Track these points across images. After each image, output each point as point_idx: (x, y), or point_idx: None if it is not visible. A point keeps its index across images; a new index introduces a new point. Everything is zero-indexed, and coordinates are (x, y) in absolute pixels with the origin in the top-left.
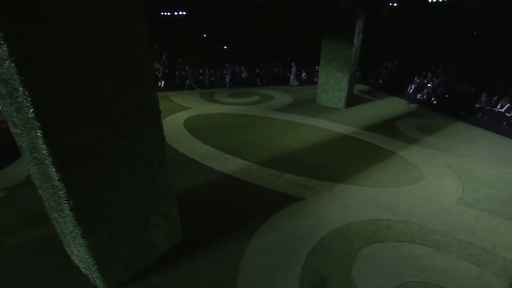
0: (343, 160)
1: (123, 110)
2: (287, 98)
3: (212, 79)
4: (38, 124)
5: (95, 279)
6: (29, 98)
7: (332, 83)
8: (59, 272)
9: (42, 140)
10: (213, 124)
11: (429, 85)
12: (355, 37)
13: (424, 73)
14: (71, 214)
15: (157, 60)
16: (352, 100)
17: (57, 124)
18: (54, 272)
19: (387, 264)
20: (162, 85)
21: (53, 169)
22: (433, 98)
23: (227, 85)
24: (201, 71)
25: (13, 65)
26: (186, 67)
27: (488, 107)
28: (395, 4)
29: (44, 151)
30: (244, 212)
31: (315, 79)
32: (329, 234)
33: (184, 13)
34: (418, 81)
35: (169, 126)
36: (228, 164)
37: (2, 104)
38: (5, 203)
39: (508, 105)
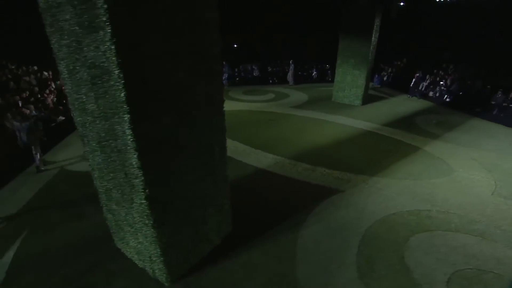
0: (371, 155)
1: (193, 97)
2: (302, 96)
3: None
4: (127, 108)
5: (155, 272)
6: (122, 81)
7: (349, 80)
8: (112, 266)
9: (128, 125)
10: (236, 120)
11: (441, 82)
12: (373, 35)
13: (435, 71)
14: (144, 204)
15: None
16: (367, 98)
17: (142, 109)
18: (107, 266)
19: (437, 252)
20: None
21: (135, 156)
22: (446, 96)
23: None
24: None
25: (113, 47)
26: None
27: (504, 104)
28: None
29: (128, 137)
30: (286, 204)
31: (328, 77)
32: (374, 224)
33: None
34: (417, 75)
35: None
36: (260, 159)
37: (73, 92)
38: (42, 200)
39: None
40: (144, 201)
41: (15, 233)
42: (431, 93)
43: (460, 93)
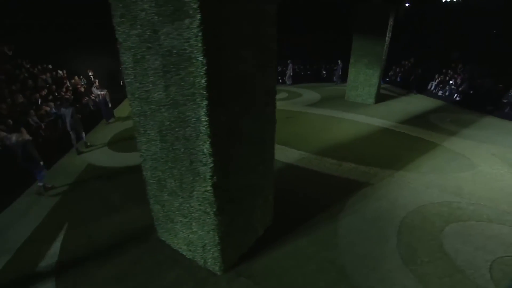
0: (393, 150)
1: (254, 88)
2: (315, 95)
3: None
4: (206, 94)
5: (206, 261)
6: (204, 68)
7: (362, 79)
8: (160, 257)
9: (205, 111)
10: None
11: (450, 82)
12: (387, 34)
13: (443, 70)
14: (208, 191)
15: None
16: (379, 97)
17: (217, 96)
18: (155, 257)
19: (475, 240)
20: None
21: (207, 142)
22: (456, 95)
23: None
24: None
25: (200, 34)
26: None
27: None
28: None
29: (203, 123)
30: (320, 196)
31: (334, 79)
32: (408, 215)
33: None
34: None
35: None
36: (286, 154)
37: (136, 81)
38: (76, 195)
39: None
40: (210, 189)
41: (57, 226)
42: (440, 92)
43: (471, 91)
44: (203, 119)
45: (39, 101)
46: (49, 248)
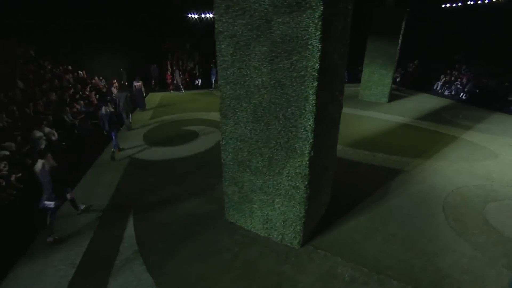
0: (417, 143)
1: (337, 76)
2: None
3: None
4: (317, 75)
5: (284, 237)
6: (319, 53)
7: (376, 79)
8: (236, 237)
9: (314, 91)
10: None
11: (457, 82)
12: (400, 36)
13: (448, 71)
14: (303, 165)
15: (192, 59)
16: (391, 96)
17: (322, 78)
18: (232, 237)
19: (498, 210)
20: (199, 83)
21: (311, 119)
22: (461, 94)
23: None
24: None
25: (320, 23)
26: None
27: None
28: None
29: (310, 101)
30: (364, 182)
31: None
32: (448, 196)
33: (211, 15)
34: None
35: None
36: None
37: (232, 66)
38: (129, 188)
39: None
40: (306, 163)
41: (122, 214)
42: (446, 92)
43: (477, 90)
44: (311, 98)
45: (68, 100)
46: (123, 232)
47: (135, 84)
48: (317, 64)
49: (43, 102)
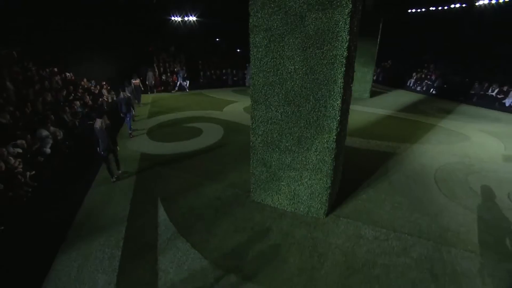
0: (402, 130)
1: (351, 66)
2: None
3: (235, 78)
4: (345, 62)
5: (310, 209)
6: (347, 44)
7: (359, 77)
8: (266, 213)
9: (342, 75)
10: None
11: (427, 79)
12: (378, 37)
13: (418, 69)
14: (331, 140)
15: (178, 62)
16: (371, 92)
17: (347, 64)
18: (262, 213)
19: (493, 180)
20: (187, 85)
21: (339, 99)
22: (432, 89)
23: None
24: (224, 71)
25: (348, 19)
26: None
27: (481, 93)
28: None
29: (338, 84)
30: (364, 163)
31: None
32: (437, 171)
33: (194, 18)
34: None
35: (237, 114)
36: None
37: (266, 56)
38: (148, 178)
39: (497, 89)
40: (333, 138)
41: (150, 202)
42: (418, 88)
43: (445, 86)
44: (339, 81)
45: (63, 101)
46: (157, 218)
47: (133, 81)
48: (346, 53)
49: (41, 103)
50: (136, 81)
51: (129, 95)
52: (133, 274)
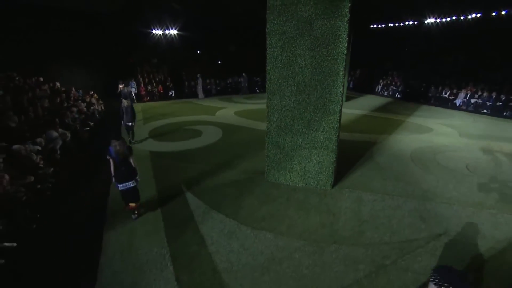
0: (377, 126)
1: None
2: None
3: (218, 88)
4: (344, 57)
5: (319, 182)
6: (345, 43)
7: None
8: (282, 188)
9: (342, 67)
10: (260, 114)
11: (392, 85)
12: (349, 46)
13: (384, 77)
14: (336, 121)
15: (162, 72)
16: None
17: (345, 60)
18: (279, 188)
19: (454, 157)
20: (173, 94)
21: (341, 87)
22: (397, 93)
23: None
24: (208, 81)
25: (347, 25)
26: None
27: (437, 95)
28: None
29: (340, 74)
30: (352, 150)
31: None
32: (412, 153)
33: (175, 32)
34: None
35: (229, 117)
36: None
37: (280, 54)
38: (164, 169)
39: (449, 91)
40: (337, 119)
41: (173, 187)
42: (385, 93)
43: (407, 90)
44: (341, 73)
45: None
46: (185, 200)
47: (128, 90)
48: (345, 51)
49: (40, 108)
50: (131, 89)
51: (132, 99)
52: (181, 239)
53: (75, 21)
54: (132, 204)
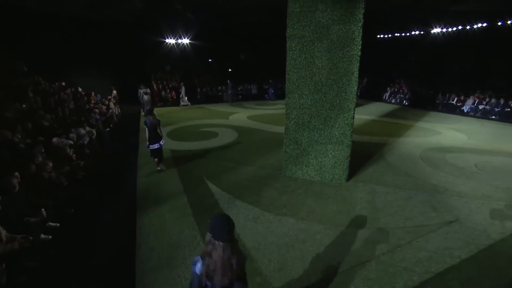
0: (387, 129)
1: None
2: None
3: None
4: (359, 58)
5: (334, 176)
6: (359, 46)
7: None
8: (299, 181)
9: (357, 67)
10: (272, 118)
11: (399, 93)
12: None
13: (391, 84)
14: (351, 117)
15: (175, 79)
16: None
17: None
18: (297, 182)
19: (463, 157)
20: (187, 102)
21: (355, 85)
22: (404, 101)
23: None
24: (219, 88)
25: (360, 29)
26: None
27: (444, 102)
28: None
29: (354, 75)
30: (363, 150)
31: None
32: (421, 153)
33: (188, 41)
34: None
35: (243, 121)
36: None
37: (299, 56)
38: (187, 165)
39: (456, 98)
40: (352, 115)
41: (196, 180)
42: (393, 100)
43: (415, 97)
44: (355, 73)
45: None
46: (209, 190)
47: (143, 93)
48: (359, 52)
49: (67, 109)
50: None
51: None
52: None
53: (96, 29)
54: (158, 161)
